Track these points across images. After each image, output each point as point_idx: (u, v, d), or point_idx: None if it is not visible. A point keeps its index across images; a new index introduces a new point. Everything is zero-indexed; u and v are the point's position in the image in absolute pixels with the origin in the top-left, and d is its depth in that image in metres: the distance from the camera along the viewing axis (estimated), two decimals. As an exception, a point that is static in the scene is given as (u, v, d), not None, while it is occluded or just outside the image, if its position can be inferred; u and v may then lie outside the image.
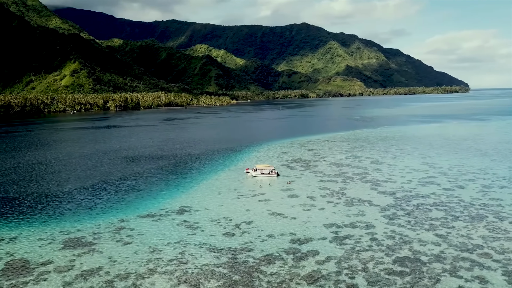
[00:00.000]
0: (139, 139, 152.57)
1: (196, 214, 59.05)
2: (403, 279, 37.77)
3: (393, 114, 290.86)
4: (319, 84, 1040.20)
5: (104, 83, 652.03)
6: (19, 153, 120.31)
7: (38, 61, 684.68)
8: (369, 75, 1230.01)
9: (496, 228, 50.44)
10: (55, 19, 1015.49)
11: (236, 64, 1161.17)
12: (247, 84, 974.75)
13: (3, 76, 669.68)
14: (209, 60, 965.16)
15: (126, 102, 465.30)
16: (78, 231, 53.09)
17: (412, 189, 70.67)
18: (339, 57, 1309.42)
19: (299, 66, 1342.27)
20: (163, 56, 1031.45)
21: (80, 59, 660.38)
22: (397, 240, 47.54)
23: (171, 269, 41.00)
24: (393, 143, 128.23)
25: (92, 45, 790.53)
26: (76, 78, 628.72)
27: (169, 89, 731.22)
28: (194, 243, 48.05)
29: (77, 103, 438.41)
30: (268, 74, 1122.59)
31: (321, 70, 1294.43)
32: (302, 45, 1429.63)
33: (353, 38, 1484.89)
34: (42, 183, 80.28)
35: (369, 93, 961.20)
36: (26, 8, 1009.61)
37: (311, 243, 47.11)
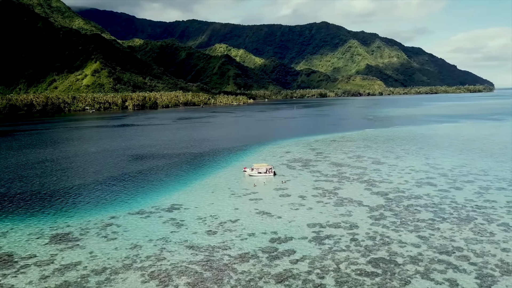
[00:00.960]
0: (148, 138, 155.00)
1: (184, 212, 59.87)
2: (373, 280, 37.53)
3: (409, 113, 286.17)
4: (338, 83, 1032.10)
5: (124, 83, 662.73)
6: (30, 151, 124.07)
7: (61, 61, 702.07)
8: (389, 74, 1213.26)
9: (482, 231, 49.40)
10: (78, 20, 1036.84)
11: (255, 63, 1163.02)
12: (265, 84, 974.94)
13: (28, 76, 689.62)
14: (228, 60, 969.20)
15: (144, 101, 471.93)
16: (68, 226, 54.60)
17: (406, 190, 69.73)
18: (359, 56, 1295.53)
19: (319, 65, 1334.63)
20: (183, 56, 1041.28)
21: (101, 59, 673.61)
22: (377, 241, 47.15)
23: (146, 265, 41.81)
24: (399, 143, 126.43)
25: (113, 45, 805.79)
26: (97, 77, 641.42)
27: (188, 88, 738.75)
28: (175, 240, 48.79)
29: (96, 102, 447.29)
30: (287, 73, 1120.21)
31: (340, 69, 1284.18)
32: (322, 44, 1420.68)
33: (373, 36, 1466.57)
34: (43, 180, 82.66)
35: (389, 92, 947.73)
36: (51, 9, 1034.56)
37: (290, 243, 47.20)
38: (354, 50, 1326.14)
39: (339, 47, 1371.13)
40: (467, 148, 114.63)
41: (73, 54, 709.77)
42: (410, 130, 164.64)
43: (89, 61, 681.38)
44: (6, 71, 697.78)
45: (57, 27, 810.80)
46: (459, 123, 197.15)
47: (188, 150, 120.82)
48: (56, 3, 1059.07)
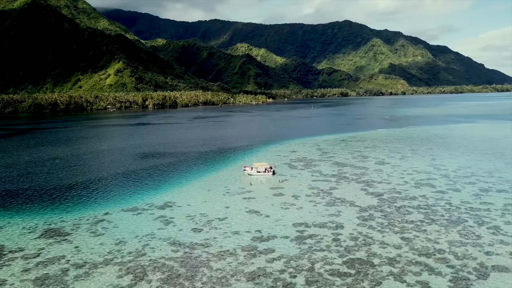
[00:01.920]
0: (159, 136, 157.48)
1: (176, 210, 60.82)
2: (343, 281, 37.40)
3: (428, 113, 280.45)
4: (360, 83, 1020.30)
5: (146, 82, 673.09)
6: (44, 148, 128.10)
7: (86, 61, 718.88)
8: (413, 73, 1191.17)
9: (469, 233, 48.37)
10: (103, 20, 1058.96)
11: (276, 62, 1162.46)
12: (286, 83, 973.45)
13: (54, 75, 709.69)
14: (249, 59, 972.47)
15: (164, 100, 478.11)
16: (62, 221, 56.35)
17: (403, 190, 68.73)
18: (382, 54, 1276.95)
19: (341, 64, 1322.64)
20: (204, 55, 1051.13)
21: (124, 58, 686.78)
22: (359, 241, 46.82)
23: (125, 261, 42.84)
24: (408, 144, 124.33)
25: (135, 45, 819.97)
26: (119, 77, 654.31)
27: (209, 88, 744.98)
28: (160, 237, 49.73)
29: (117, 101, 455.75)
30: (308, 72, 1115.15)
31: (363, 68, 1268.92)
32: (344, 43, 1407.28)
33: (397, 35, 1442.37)
34: (48, 177, 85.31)
35: (412, 91, 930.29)
36: (77, 10, 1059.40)
37: (271, 241, 47.41)
38: (377, 49, 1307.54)
39: (361, 46, 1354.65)
40: (478, 149, 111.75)
41: (97, 54, 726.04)
42: (423, 130, 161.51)
43: (112, 61, 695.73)
44: (34, 70, 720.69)
45: (82, 28, 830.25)
46: (477, 124, 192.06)
47: (195, 148, 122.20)
48: (82, 4, 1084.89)
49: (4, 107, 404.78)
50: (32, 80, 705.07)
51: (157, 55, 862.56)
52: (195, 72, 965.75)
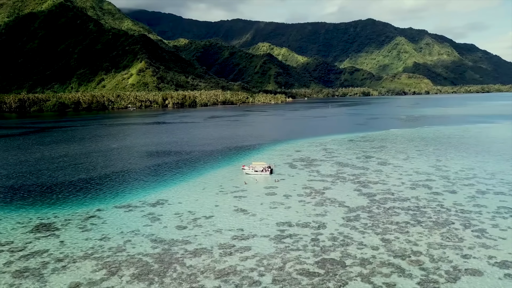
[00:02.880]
0: (170, 135, 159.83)
1: (166, 207, 61.92)
2: (310, 280, 37.46)
3: (447, 113, 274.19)
4: (382, 82, 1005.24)
5: (167, 81, 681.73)
6: (57, 146, 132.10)
7: (110, 61, 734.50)
8: (438, 72, 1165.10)
9: (452, 236, 47.48)
10: (127, 21, 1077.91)
11: (297, 61, 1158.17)
12: (307, 82, 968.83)
13: (79, 75, 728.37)
14: (270, 58, 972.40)
15: (183, 100, 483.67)
16: (55, 217, 58.27)
17: (397, 192, 67.82)
18: (406, 53, 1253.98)
19: (363, 63, 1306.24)
20: (225, 55, 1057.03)
21: (146, 58, 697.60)
22: (338, 242, 46.67)
23: (104, 256, 44.08)
24: (417, 144, 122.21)
25: (158, 45, 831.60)
26: (141, 76, 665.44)
27: (229, 87, 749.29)
28: (143, 233, 50.84)
29: (138, 100, 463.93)
30: (330, 71, 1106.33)
31: (386, 67, 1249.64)
32: (367, 41, 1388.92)
33: (422, 33, 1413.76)
34: (53, 174, 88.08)
35: (436, 91, 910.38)
36: (102, 11, 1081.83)
37: (250, 240, 47.79)
38: (401, 47, 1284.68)
39: (385, 44, 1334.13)
40: (487, 150, 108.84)
41: (120, 54, 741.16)
42: (436, 131, 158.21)
43: (135, 60, 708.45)
44: (60, 70, 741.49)
45: (107, 29, 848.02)
46: (495, 124, 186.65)
47: (201, 147, 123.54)
48: (107, 6, 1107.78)
49: (30, 106, 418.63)
50: (59, 79, 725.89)
51: (178, 55, 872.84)
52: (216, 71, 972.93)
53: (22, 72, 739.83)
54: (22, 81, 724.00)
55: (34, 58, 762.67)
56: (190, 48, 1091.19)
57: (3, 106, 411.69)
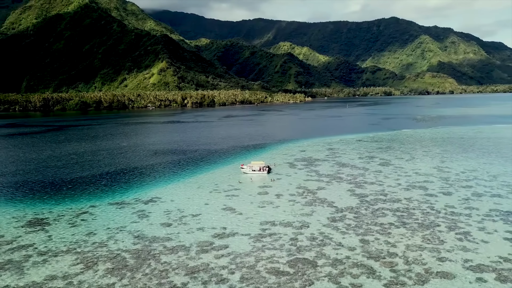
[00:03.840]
0: (180, 134, 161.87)
1: (157, 205, 63.04)
2: (278, 279, 37.66)
3: (465, 113, 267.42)
4: (405, 81, 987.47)
5: (188, 81, 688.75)
6: (69, 144, 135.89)
7: (132, 61, 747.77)
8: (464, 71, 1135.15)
9: (434, 238, 46.72)
10: (150, 21, 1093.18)
11: (318, 61, 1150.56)
12: (327, 81, 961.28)
13: (103, 75, 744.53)
14: (290, 58, 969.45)
15: (202, 99, 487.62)
16: (49, 212, 60.21)
17: (391, 193, 66.99)
18: (431, 52, 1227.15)
19: (386, 62, 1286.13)
20: (246, 55, 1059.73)
21: (167, 58, 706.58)
22: (316, 241, 46.63)
23: (85, 250, 45.41)
24: (426, 144, 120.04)
25: (179, 45, 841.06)
26: (162, 76, 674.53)
27: (249, 86, 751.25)
28: (128, 230, 52.02)
29: (157, 99, 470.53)
30: (351, 70, 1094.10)
31: (410, 66, 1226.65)
32: (390, 40, 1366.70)
33: (447, 31, 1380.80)
34: (57, 171, 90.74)
35: (461, 90, 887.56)
36: (126, 12, 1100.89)
37: (230, 238, 48.27)
38: (425, 46, 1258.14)
39: (409, 43, 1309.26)
40: (496, 151, 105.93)
41: (142, 54, 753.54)
42: (449, 131, 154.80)
43: (156, 60, 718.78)
44: (85, 70, 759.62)
45: (130, 29, 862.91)
46: None
47: (207, 146, 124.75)
48: (131, 6, 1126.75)
49: (53, 105, 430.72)
50: (83, 79, 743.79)
51: (199, 55, 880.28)
52: (237, 71, 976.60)
53: (49, 72, 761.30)
54: (49, 81, 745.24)
55: (60, 58, 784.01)
56: (211, 47, 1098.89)
57: (28, 105, 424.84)
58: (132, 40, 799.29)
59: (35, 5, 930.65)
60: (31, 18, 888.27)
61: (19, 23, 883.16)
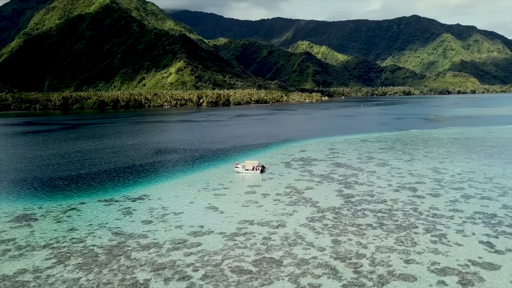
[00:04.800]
0: (187, 133, 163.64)
1: (144, 202, 64.14)
2: (238, 278, 38.00)
3: (482, 113, 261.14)
4: (425, 81, 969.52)
5: (205, 80, 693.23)
6: (77, 142, 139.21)
7: (151, 60, 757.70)
8: (487, 70, 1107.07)
9: (407, 240, 46.18)
10: (169, 21, 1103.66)
11: (337, 60, 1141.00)
12: (345, 81, 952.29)
13: (122, 74, 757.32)
14: (308, 57, 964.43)
15: (218, 98, 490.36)
16: (39, 208, 61.99)
17: (378, 194, 66.34)
18: (453, 51, 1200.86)
19: (407, 61, 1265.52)
20: (264, 54, 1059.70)
21: (185, 58, 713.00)
22: (288, 241, 46.73)
23: (61, 246, 46.69)
24: (429, 145, 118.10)
25: (197, 45, 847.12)
26: (180, 75, 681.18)
27: (266, 86, 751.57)
28: (109, 226, 53.15)
29: (173, 98, 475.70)
30: (370, 70, 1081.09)
31: (431, 65, 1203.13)
32: (411, 39, 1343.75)
33: (470, 29, 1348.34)
34: (57, 168, 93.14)
35: (483, 90, 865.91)
36: (146, 12, 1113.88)
37: (204, 236, 48.83)
38: (447, 44, 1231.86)
39: (430, 41, 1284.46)
40: (500, 153, 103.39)
41: (161, 53, 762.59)
42: (459, 132, 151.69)
43: (174, 60, 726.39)
44: (105, 69, 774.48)
45: (149, 29, 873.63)
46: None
47: (208, 146, 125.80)
48: (151, 6, 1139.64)
49: (72, 104, 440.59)
50: (103, 78, 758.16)
51: (217, 54, 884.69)
52: (255, 70, 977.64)
53: (70, 71, 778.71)
54: (70, 80, 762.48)
55: (81, 58, 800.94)
56: (229, 47, 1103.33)
57: (48, 104, 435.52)
58: (151, 39, 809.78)
59: (58, 6, 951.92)
60: (54, 19, 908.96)
61: (43, 24, 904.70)
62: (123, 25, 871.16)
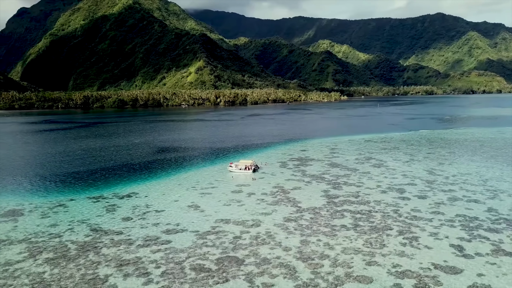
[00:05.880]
0: (194, 132, 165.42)
1: (131, 200, 65.39)
2: (196, 275, 38.52)
3: (502, 114, 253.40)
4: (449, 80, 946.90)
5: (224, 80, 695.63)
6: (84, 140, 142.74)
7: (171, 60, 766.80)
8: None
9: (376, 242, 45.71)
10: (190, 21, 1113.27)
11: (358, 59, 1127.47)
12: (366, 80, 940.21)
13: (143, 73, 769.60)
14: (328, 56, 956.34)
15: (235, 98, 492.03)
16: (29, 204, 64.06)
17: (364, 195, 65.64)
18: (479, 49, 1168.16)
19: (430, 60, 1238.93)
20: (284, 53, 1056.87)
21: (204, 57, 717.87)
22: (256, 241, 46.92)
23: (38, 240, 48.24)
24: (434, 146, 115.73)
25: (217, 44, 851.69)
26: (199, 75, 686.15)
27: (285, 85, 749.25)
28: (89, 223, 54.52)
29: (191, 98, 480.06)
30: (392, 69, 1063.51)
31: (456, 64, 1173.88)
32: (436, 37, 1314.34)
33: (498, 27, 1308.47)
34: (57, 165, 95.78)
35: (510, 89, 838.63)
36: (168, 12, 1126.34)
37: (177, 234, 49.48)
38: (473, 43, 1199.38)
39: (455, 40, 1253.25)
40: (505, 154, 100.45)
41: (181, 53, 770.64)
42: (469, 133, 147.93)
43: (194, 59, 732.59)
44: (127, 69, 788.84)
45: (170, 29, 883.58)
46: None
47: (209, 145, 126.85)
48: (173, 7, 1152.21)
49: (93, 103, 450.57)
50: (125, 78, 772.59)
51: (237, 54, 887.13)
52: (274, 69, 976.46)
53: (94, 71, 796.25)
54: (94, 80, 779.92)
55: (104, 58, 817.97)
56: (249, 46, 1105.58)
57: (70, 103, 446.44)
58: (172, 39, 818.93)
59: (83, 7, 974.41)
60: (79, 20, 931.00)
61: (68, 25, 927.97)
62: (145, 25, 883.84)
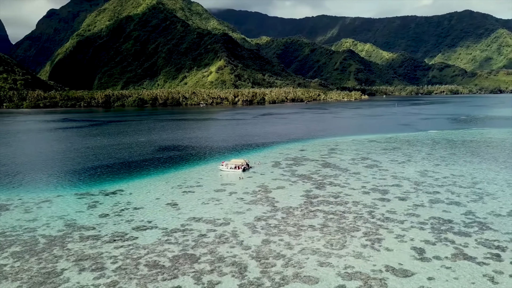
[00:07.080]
0: (201, 131, 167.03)
1: (115, 197, 66.86)
2: (148, 272, 39.19)
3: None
4: (476, 79, 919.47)
5: (244, 79, 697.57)
6: (93, 138, 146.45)
7: (193, 59, 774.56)
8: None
9: (337, 243, 45.26)
10: (213, 21, 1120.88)
11: (382, 58, 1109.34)
12: (389, 79, 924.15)
13: (165, 73, 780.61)
14: (350, 55, 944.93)
15: (253, 97, 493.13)
16: (18, 199, 66.44)
17: (345, 195, 65.01)
18: (509, 47, 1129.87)
19: (457, 59, 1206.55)
20: (306, 52, 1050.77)
21: (225, 57, 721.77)
22: (219, 239, 47.29)
23: (12, 234, 50.02)
24: (436, 147, 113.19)
25: (238, 44, 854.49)
26: (220, 74, 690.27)
27: (305, 84, 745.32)
28: (67, 218, 56.13)
29: (210, 97, 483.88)
30: (416, 68, 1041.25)
31: (484, 62, 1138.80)
32: (463, 35, 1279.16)
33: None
34: (57, 163, 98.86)
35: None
36: (190, 12, 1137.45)
37: (146, 231, 50.31)
38: (502, 40, 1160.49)
39: (483, 38, 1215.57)
40: (508, 156, 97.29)
41: (203, 52, 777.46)
42: (479, 133, 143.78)
43: (215, 59, 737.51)
44: (150, 68, 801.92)
45: (192, 29, 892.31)
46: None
47: (212, 144, 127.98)
48: (196, 6, 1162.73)
49: (114, 101, 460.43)
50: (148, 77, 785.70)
51: (258, 53, 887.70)
52: (296, 68, 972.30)
53: (118, 71, 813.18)
54: (117, 79, 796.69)
55: (127, 58, 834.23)
56: (271, 45, 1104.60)
57: (92, 102, 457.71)
58: (194, 39, 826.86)
59: (109, 7, 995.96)
60: (105, 20, 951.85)
61: (94, 25, 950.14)
62: (168, 25, 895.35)
